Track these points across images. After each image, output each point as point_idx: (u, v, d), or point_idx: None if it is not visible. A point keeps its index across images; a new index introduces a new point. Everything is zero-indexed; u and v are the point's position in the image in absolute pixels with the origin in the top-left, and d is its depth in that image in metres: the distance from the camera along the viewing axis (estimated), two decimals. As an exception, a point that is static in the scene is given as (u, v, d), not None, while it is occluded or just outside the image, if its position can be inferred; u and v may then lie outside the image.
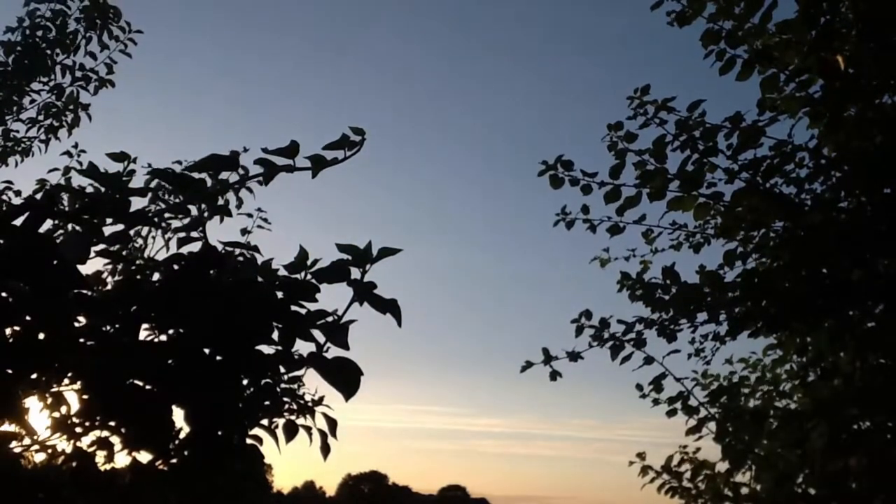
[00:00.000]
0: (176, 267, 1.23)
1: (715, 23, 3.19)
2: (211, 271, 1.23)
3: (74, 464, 1.28)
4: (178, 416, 1.19)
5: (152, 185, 2.80)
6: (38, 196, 1.09)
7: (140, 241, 3.76)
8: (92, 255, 1.15)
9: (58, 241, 1.10)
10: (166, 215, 1.39)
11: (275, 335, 1.23)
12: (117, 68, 5.01)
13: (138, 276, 1.24)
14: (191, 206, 1.29)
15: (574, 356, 3.78)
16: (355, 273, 1.28)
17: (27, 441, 1.26)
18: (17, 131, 4.92)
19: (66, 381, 1.22)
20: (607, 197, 3.38)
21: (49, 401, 1.27)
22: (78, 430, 1.27)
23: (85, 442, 1.29)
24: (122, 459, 1.27)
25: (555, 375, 3.83)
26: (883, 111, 2.86)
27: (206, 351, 1.19)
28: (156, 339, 1.23)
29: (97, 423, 1.25)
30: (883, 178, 2.91)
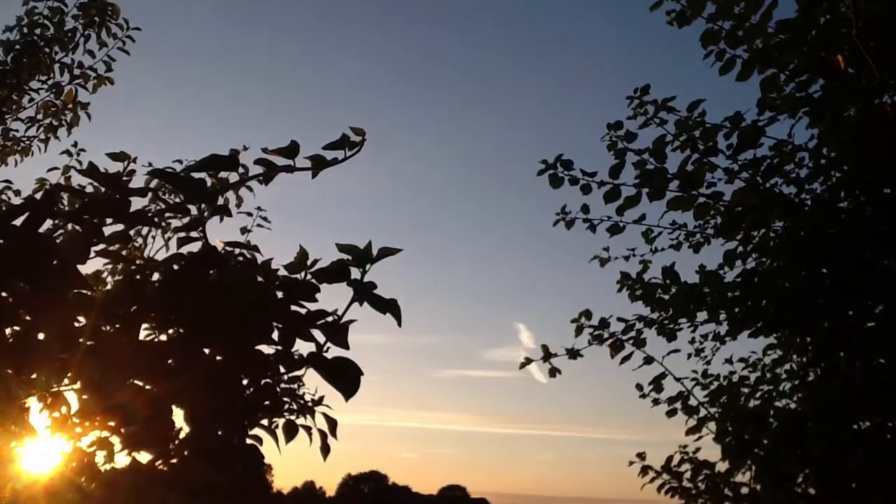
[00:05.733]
0: (176, 267, 1.23)
1: (715, 23, 3.18)
2: (211, 271, 1.23)
3: (74, 464, 1.28)
4: (179, 416, 1.19)
5: (152, 184, 2.80)
6: (38, 196, 1.09)
7: (140, 241, 3.75)
8: (92, 255, 1.15)
9: (58, 241, 1.10)
10: (166, 215, 1.39)
11: (275, 335, 1.23)
12: (116, 66, 5.01)
13: (138, 276, 1.23)
14: (191, 206, 1.28)
15: (573, 353, 3.80)
16: (355, 273, 1.28)
17: (27, 441, 1.26)
18: (17, 130, 4.92)
19: (66, 381, 1.22)
20: (607, 196, 3.37)
21: (49, 401, 1.27)
22: (78, 430, 1.27)
23: (85, 442, 1.29)
24: (122, 459, 1.27)
25: (554, 372, 3.84)
26: (883, 111, 2.85)
27: (206, 351, 1.19)
28: (156, 339, 1.22)
29: (97, 423, 1.25)
30: (883, 178, 2.90)
